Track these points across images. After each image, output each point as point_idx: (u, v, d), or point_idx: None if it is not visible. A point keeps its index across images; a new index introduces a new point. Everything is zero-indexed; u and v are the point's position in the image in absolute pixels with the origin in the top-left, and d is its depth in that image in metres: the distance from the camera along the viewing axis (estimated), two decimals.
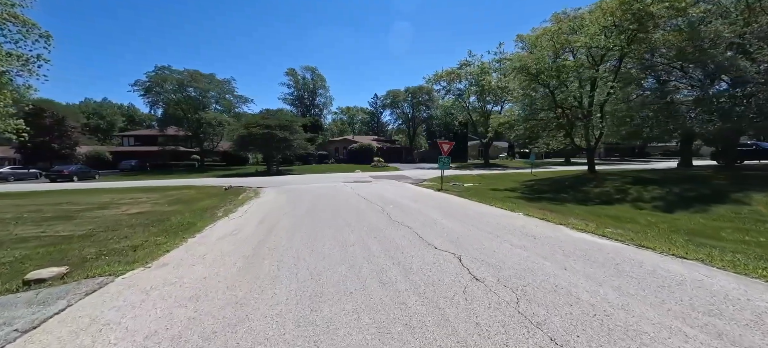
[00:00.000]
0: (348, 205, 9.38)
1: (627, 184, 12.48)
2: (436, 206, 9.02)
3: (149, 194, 14.63)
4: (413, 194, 12.00)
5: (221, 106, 42.48)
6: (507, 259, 4.33)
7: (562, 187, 14.36)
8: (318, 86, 62.66)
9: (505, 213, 7.91)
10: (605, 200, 10.36)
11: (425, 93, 57.52)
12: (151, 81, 37.07)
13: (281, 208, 9.12)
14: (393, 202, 9.70)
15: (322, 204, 9.67)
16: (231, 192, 14.54)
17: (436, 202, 9.79)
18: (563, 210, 8.69)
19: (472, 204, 9.53)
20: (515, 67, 15.08)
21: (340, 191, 13.11)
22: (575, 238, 5.42)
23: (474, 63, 37.05)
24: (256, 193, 13.58)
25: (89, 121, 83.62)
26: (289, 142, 28.26)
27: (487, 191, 14.01)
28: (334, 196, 11.62)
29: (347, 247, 4.96)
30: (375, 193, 12.16)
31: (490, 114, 39.86)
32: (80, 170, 27.58)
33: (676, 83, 16.59)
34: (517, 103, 16.88)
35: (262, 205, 9.71)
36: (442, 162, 14.00)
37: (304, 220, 7.21)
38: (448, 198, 10.96)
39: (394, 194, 11.93)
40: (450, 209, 8.52)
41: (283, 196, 11.89)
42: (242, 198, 12.00)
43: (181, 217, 8.25)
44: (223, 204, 10.61)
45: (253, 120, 29.87)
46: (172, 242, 5.44)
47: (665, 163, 33.99)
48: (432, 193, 12.34)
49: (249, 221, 7.31)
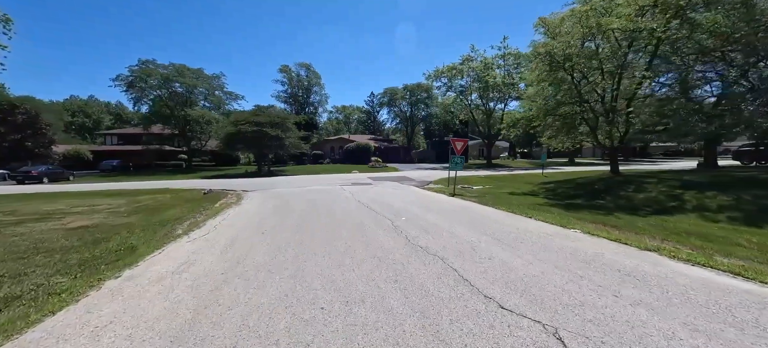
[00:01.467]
0: (348, 217, 7.44)
1: (675, 188, 10.70)
2: (460, 219, 7.12)
3: (114, 200, 12.54)
4: (424, 201, 10.09)
5: (210, 103, 40.13)
6: (642, 338, 2.42)
7: (594, 191, 12.55)
8: (313, 83, 60.57)
9: (555, 230, 6.02)
10: (660, 209, 8.54)
11: (424, 91, 55.75)
12: (134, 76, 34.65)
13: (262, 222, 7.15)
14: (404, 213, 7.78)
15: (314, 216, 7.71)
16: (210, 197, 12.50)
17: (457, 213, 7.89)
18: (620, 223, 6.84)
19: (502, 215, 7.65)
20: (538, 54, 13.26)
21: (337, 197, 11.16)
22: (695, 279, 3.56)
23: (477, 58, 35.28)
24: (238, 199, 11.57)
25: (74, 119, 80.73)
26: (281, 141, 26.19)
27: (505, 196, 12.16)
28: (331, 203, 9.66)
29: (352, 307, 3.02)
30: (379, 200, 10.23)
31: (493, 112, 38.16)
32: (51, 171, 25.22)
33: (709, 74, 14.90)
34: (534, 97, 15.01)
35: (240, 217, 7.72)
36: (455, 162, 12.12)
37: (289, 244, 5.25)
38: (467, 206, 9.07)
39: (401, 201, 10.00)
40: (481, 224, 6.62)
41: (269, 204, 9.90)
42: (219, 206, 9.99)
43: (128, 235, 6.24)
44: (193, 214, 8.60)
45: (243, 116, 27.73)
46: (60, 300, 3.29)
47: (679, 163, 32.52)
48: (445, 200, 10.44)
49: (213, 245, 5.34)
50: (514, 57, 34.84)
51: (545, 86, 14.97)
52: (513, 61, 35.30)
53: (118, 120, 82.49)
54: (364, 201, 10.00)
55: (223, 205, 9.89)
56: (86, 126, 77.90)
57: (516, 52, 34.53)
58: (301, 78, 59.49)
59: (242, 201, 10.92)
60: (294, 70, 59.05)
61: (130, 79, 34.75)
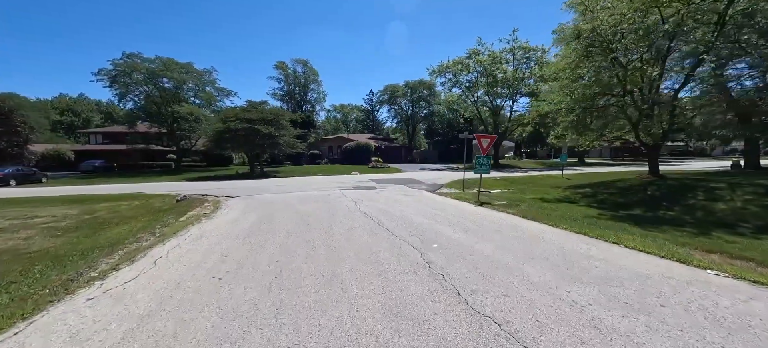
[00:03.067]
0: (353, 244, 5.23)
1: (763, 196, 8.55)
2: (519, 248, 4.91)
3: (65, 210, 10.28)
4: (449, 213, 7.87)
5: (201, 99, 37.74)
6: None
7: (648, 198, 10.42)
8: (310, 80, 58.19)
9: (680, 270, 3.83)
10: (765, 226, 6.40)
11: (426, 88, 53.57)
12: (118, 70, 32.24)
13: (231, 251, 4.93)
14: (432, 236, 5.58)
15: (304, 243, 5.50)
16: (181, 206, 10.25)
17: (506, 235, 5.69)
18: (752, 252, 4.68)
19: (573, 239, 5.45)
20: (578, 32, 11.03)
21: (336, 207, 8.93)
22: None
23: (484, 52, 33.12)
24: (213, 209, 9.33)
25: (62, 117, 77.96)
26: (274, 139, 23.92)
27: (540, 204, 10.01)
28: (329, 218, 7.44)
29: None
30: (390, 211, 8.01)
31: (501, 109, 36.04)
32: (20, 173, 22.80)
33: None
34: (566, 87, 12.83)
35: (199, 244, 5.49)
36: (480, 163, 9.97)
37: (252, 319, 3.03)
38: (512, 223, 6.86)
39: (419, 213, 7.79)
40: (557, 258, 4.41)
41: (249, 219, 7.66)
42: (185, 220, 7.75)
43: (19, 275, 4.02)
44: (144, 234, 6.37)
45: (232, 113, 25.41)
46: None
47: (700, 163, 30.53)
48: (476, 212, 8.24)
49: (132, 305, 3.12)
50: (523, 50, 32.72)
51: (581, 73, 12.72)
52: (522, 55, 33.20)
53: (108, 119, 79.78)
54: (372, 214, 7.79)
55: (190, 221, 7.64)
56: (75, 125, 75.09)
57: (525, 45, 32.43)
58: (297, 75, 57.12)
59: (217, 213, 8.68)
60: (290, 67, 56.67)
61: (114, 74, 32.36)
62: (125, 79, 32.84)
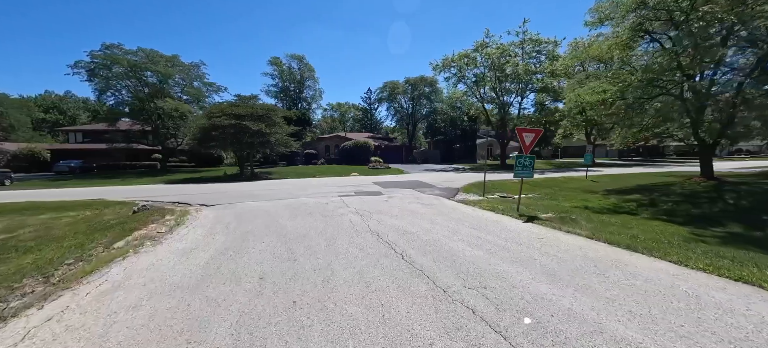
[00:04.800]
0: (375, 312, 2.98)
1: None
2: (678, 327, 2.69)
3: None
4: (494, 234, 5.61)
5: (188, 95, 35.15)
6: None
7: (729, 206, 8.26)
8: (306, 77, 55.82)
9: None
10: None
11: (427, 84, 51.39)
12: (96, 62, 29.62)
13: (143, 340, 2.67)
14: (499, 284, 3.33)
15: (284, 310, 3.23)
16: (136, 219, 7.92)
17: (615, 282, 3.46)
18: None
19: (711, 284, 3.24)
20: (638, 3, 8.85)
21: (338, 225, 6.65)
22: None
23: (492, 45, 30.96)
24: (174, 225, 7.03)
25: (47, 116, 74.77)
26: (265, 137, 21.53)
27: (597, 217, 7.83)
28: (328, 248, 5.14)
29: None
30: (414, 233, 5.74)
31: (509, 105, 33.91)
32: None
33: None
34: (616, 75, 10.65)
35: (110, 303, 3.20)
36: (522, 165, 7.75)
37: None
38: (605, 256, 4.61)
39: (458, 237, 5.51)
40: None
41: (215, 243, 5.37)
42: (123, 247, 5.42)
43: None
44: (53, 267, 4.10)
45: (218, 108, 22.96)
46: None
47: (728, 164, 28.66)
48: (529, 232, 5.99)
49: None
50: (534, 43, 30.63)
51: (632, 54, 10.55)
52: (532, 49, 31.11)
53: (95, 116, 76.53)
54: (388, 236, 5.53)
55: (128, 248, 5.32)
56: (61, 123, 71.85)
57: (537, 38, 30.34)
58: (293, 71, 54.71)
59: (173, 233, 6.36)
60: (285, 63, 54.28)
61: (92, 66, 29.75)
62: (105, 73, 30.26)
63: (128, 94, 32.63)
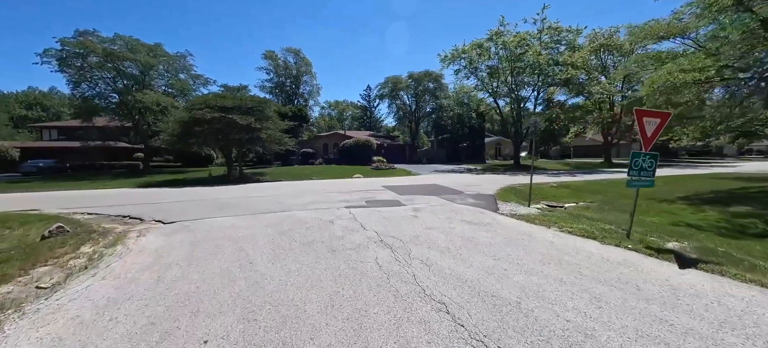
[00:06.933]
0: None
1: None
2: None
3: None
4: (631, 293, 2.83)
5: (173, 88, 32.05)
6: None
7: None
8: (303, 72, 52.84)
9: None
10: None
11: (432, 79, 48.55)
12: (67, 51, 26.48)
13: None
14: None
15: None
16: (33, 251, 4.99)
17: None
18: None
19: None
20: None
21: (358, 279, 3.79)
22: None
23: (507, 34, 28.19)
24: (81, 267, 4.12)
25: (29, 112, 71.09)
26: (255, 133, 18.59)
27: (738, 244, 5.04)
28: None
29: None
30: (508, 300, 2.88)
31: (526, 100, 31.16)
32: None
33: None
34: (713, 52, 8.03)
35: None
36: (642, 169, 4.94)
37: None
38: None
39: (601, 312, 2.72)
40: None
41: (119, 328, 2.52)
42: None
43: None
44: None
45: (201, 99, 19.94)
46: None
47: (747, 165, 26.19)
48: (691, 288, 3.19)
49: None
50: (553, 32, 27.94)
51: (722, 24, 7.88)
52: (550, 38, 28.40)
53: None
54: (470, 318, 2.69)
55: None
56: (43, 120, 68.20)
57: (556, 26, 27.64)
58: (289, 65, 51.72)
59: (50, 300, 3.48)
60: (281, 57, 51.28)
61: (62, 55, 26.61)
62: (77, 62, 27.13)
63: (106, 86, 29.55)
